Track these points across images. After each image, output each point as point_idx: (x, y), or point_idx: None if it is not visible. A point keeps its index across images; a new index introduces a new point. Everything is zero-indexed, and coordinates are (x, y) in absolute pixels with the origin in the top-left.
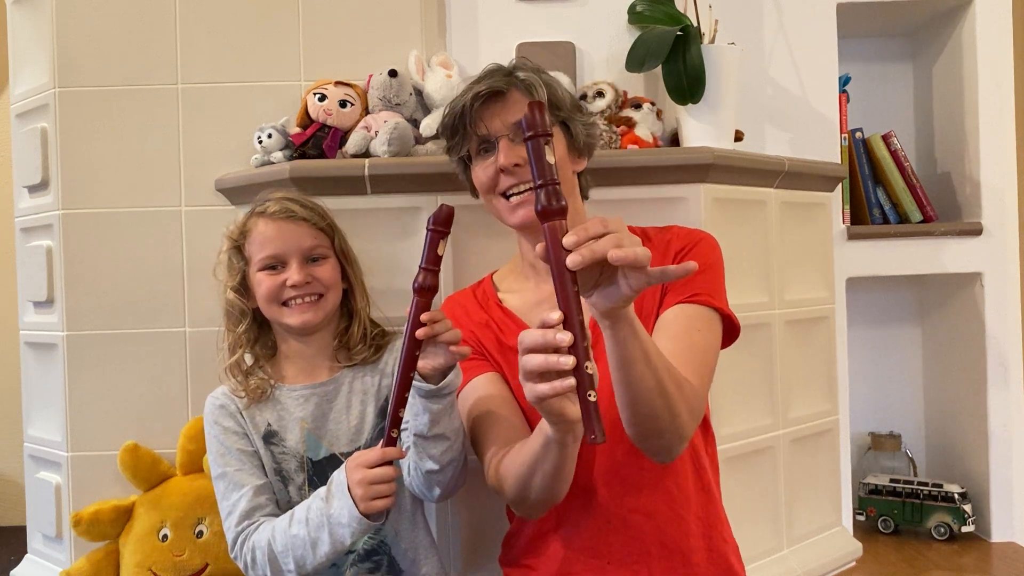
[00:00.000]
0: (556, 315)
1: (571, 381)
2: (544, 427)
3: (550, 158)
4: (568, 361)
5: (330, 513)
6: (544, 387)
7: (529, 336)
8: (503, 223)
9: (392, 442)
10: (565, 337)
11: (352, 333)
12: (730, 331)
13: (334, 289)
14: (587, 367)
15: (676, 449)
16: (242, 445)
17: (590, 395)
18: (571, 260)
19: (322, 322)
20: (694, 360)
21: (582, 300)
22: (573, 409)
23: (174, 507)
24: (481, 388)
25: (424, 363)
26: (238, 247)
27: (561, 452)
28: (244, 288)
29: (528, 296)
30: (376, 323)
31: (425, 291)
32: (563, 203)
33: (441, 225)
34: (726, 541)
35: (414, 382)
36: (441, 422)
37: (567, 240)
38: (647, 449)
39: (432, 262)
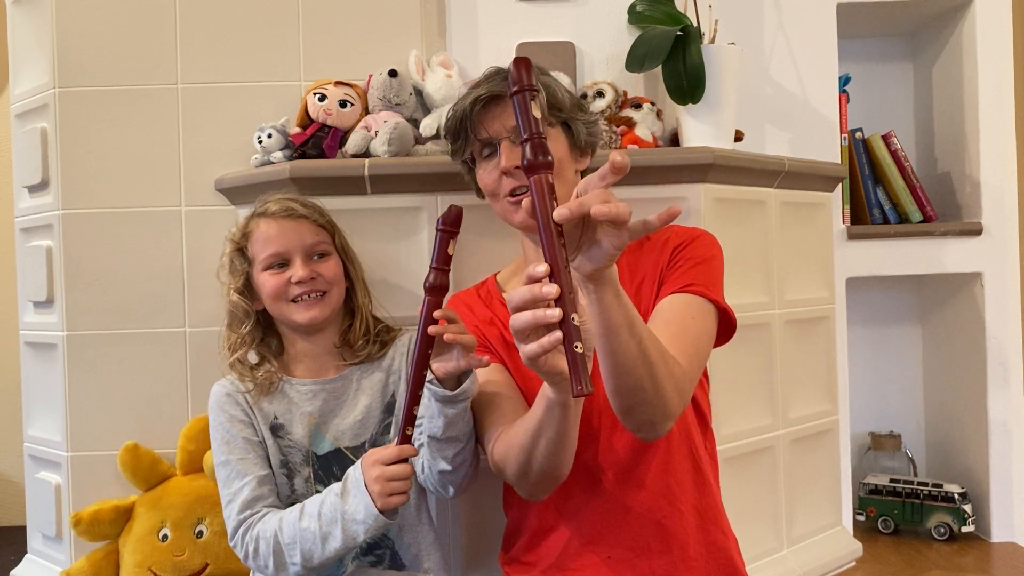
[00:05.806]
0: (542, 268)
1: (558, 335)
2: (546, 390)
3: (536, 112)
4: (555, 314)
5: (345, 509)
6: (533, 346)
7: (517, 293)
8: (508, 224)
9: (407, 440)
10: (551, 290)
11: (355, 330)
12: (727, 326)
13: (338, 285)
14: (573, 319)
15: (660, 426)
16: (248, 434)
17: (576, 346)
18: (558, 213)
19: (328, 318)
20: (685, 343)
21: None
22: None
23: (174, 507)
24: (483, 377)
25: (438, 366)
26: (240, 249)
27: (564, 415)
28: (248, 290)
29: None
30: (379, 320)
31: (436, 290)
32: (549, 158)
33: (450, 225)
34: (726, 535)
35: (430, 386)
36: (455, 425)
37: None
38: (631, 423)
39: (442, 262)
